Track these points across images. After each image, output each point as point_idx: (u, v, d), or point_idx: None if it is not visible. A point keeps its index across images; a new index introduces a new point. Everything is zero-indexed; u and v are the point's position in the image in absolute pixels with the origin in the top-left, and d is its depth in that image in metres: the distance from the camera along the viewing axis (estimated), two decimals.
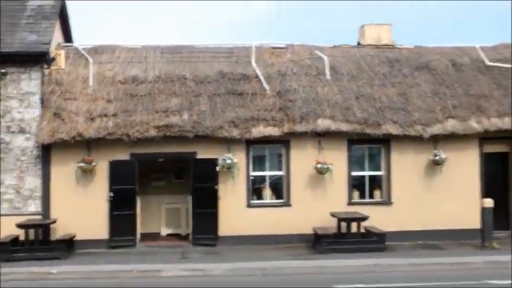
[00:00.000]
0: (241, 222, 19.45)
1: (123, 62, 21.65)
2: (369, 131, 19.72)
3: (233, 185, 19.54)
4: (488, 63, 22.71)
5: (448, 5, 58.73)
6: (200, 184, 19.32)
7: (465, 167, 20.44)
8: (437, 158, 19.93)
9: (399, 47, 23.69)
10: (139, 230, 19.88)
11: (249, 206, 19.75)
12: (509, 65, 22.60)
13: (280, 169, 20.18)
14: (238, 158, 19.38)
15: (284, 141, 19.85)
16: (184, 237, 20.63)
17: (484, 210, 18.62)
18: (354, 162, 20.42)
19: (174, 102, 19.96)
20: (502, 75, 22.31)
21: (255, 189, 20.11)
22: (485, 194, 20.02)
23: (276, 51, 22.69)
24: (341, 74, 21.72)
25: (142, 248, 19.28)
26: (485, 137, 20.52)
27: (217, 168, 19.31)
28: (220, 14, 57.53)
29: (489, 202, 18.63)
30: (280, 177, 20.20)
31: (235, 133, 19.32)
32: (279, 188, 20.18)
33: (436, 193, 20.23)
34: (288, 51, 22.62)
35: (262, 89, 20.67)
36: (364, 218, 18.61)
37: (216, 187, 19.33)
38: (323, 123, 19.62)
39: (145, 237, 20.42)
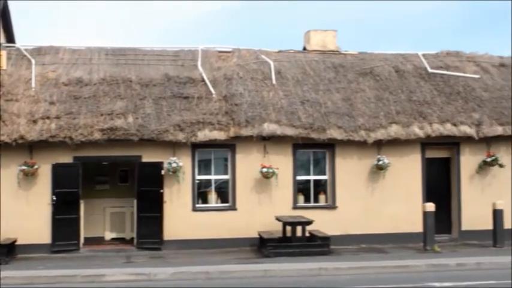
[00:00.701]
0: (187, 226, 19.36)
1: (67, 64, 21.36)
2: (313, 135, 19.84)
3: (178, 189, 19.43)
4: (430, 70, 23.13)
5: (393, 12, 59.70)
6: (145, 188, 19.14)
7: (408, 172, 20.75)
8: (380, 162, 20.17)
9: (344, 52, 23.99)
10: (82, 234, 19.58)
11: (195, 210, 19.66)
12: (451, 72, 23.08)
13: (225, 173, 20.14)
14: (183, 162, 19.28)
15: (230, 145, 19.83)
16: (129, 242, 20.42)
17: (425, 214, 18.92)
18: (299, 167, 20.52)
19: (119, 105, 19.74)
20: (444, 82, 22.77)
21: (200, 193, 20.04)
22: (427, 198, 20.38)
23: (223, 55, 22.70)
24: (287, 78, 21.84)
25: (86, 253, 19.00)
26: (427, 143, 20.87)
27: (163, 172, 19.17)
28: (166, 17, 57.26)
29: (431, 206, 18.95)
30: (225, 181, 20.16)
31: (181, 137, 19.20)
32: (225, 192, 20.16)
33: (380, 197, 20.50)
34: (235, 55, 22.65)
35: (208, 92, 20.62)
36: (309, 222, 18.71)
37: (161, 191, 19.19)
38: (268, 128, 19.66)
39: (89, 241, 20.12)
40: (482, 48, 40.12)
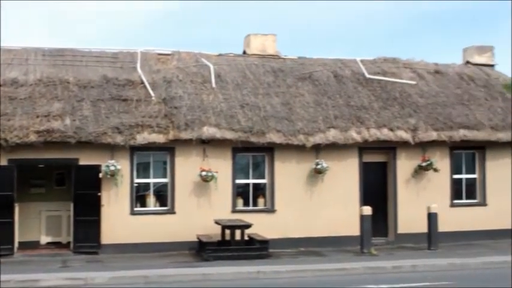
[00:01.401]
0: (125, 230, 19.14)
1: (2, 64, 20.88)
2: (253, 139, 19.88)
3: (116, 192, 19.20)
4: (368, 75, 23.46)
5: (332, 18, 60.37)
6: (82, 191, 18.84)
7: (346, 176, 20.98)
8: (319, 166, 20.34)
9: (284, 57, 24.14)
10: (17, 239, 19.12)
11: (133, 213, 19.45)
12: (388, 78, 23.48)
13: (164, 176, 20.02)
14: (122, 165, 19.05)
15: (169, 148, 19.69)
16: (66, 246, 20.04)
17: (362, 217, 19.16)
18: (239, 170, 20.54)
19: (56, 107, 19.39)
20: (381, 88, 23.14)
21: (139, 196, 19.86)
22: (365, 202, 20.63)
23: (162, 57, 22.57)
24: (226, 82, 21.86)
25: (20, 257, 18.55)
26: (364, 147, 21.13)
27: (100, 175, 18.90)
28: (105, 18, 56.60)
29: (368, 210, 19.21)
30: (164, 185, 20.02)
31: (119, 139, 18.96)
32: (164, 196, 20.01)
33: (318, 201, 20.68)
34: (174, 58, 22.56)
35: (147, 95, 20.46)
36: (248, 226, 18.73)
37: (98, 194, 18.91)
38: (208, 131, 19.61)
39: (24, 245, 19.66)
40: (419, 55, 40.87)
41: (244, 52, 24.23)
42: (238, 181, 20.41)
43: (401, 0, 57.11)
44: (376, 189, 21.58)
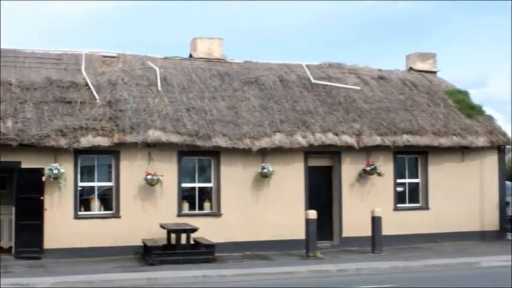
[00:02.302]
0: (69, 234, 18.88)
1: None
2: (199, 143, 19.87)
3: (60, 196, 18.95)
4: (313, 80, 23.69)
5: (278, 23, 60.75)
6: (24, 195, 18.50)
7: (291, 180, 21.15)
8: (265, 170, 20.45)
9: (230, 61, 24.19)
10: None
11: (77, 217, 19.21)
12: (333, 83, 23.76)
13: (109, 180, 19.84)
14: (65, 168, 18.81)
15: (114, 151, 19.55)
16: (7, 251, 19.63)
17: (308, 221, 19.31)
18: (184, 174, 20.52)
19: None
20: (326, 92, 23.39)
21: (83, 200, 19.63)
22: (310, 205, 20.84)
23: (107, 59, 22.37)
24: (172, 85, 21.79)
25: None
26: (310, 151, 21.33)
27: (44, 179, 18.62)
28: (49, 19, 55.78)
29: (313, 214, 19.38)
30: (109, 188, 19.85)
31: (63, 142, 18.72)
32: (108, 199, 19.84)
33: (264, 205, 20.80)
34: (120, 60, 22.38)
35: (92, 97, 20.26)
36: (194, 230, 18.70)
37: (41, 198, 18.62)
38: (153, 134, 19.51)
39: None
40: (363, 61, 41.48)
41: (191, 55, 24.16)
42: (184, 185, 20.37)
43: (349, 3, 57.89)
44: (322, 193, 21.80)
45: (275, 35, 61.13)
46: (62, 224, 18.88)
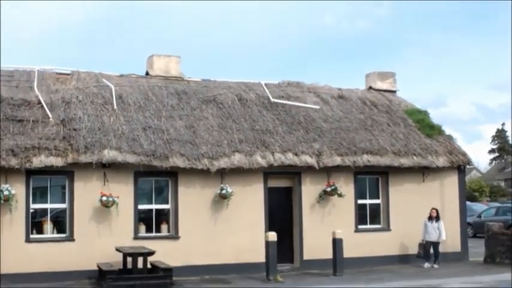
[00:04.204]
0: (20, 259, 18.52)
1: None
2: (156, 163, 19.76)
3: (11, 219, 18.61)
4: (272, 99, 23.84)
5: (236, 42, 61.00)
6: None
7: (251, 201, 21.16)
8: (223, 191, 20.42)
9: (187, 79, 24.22)
10: None
11: (29, 240, 18.88)
12: (292, 102, 23.96)
13: (63, 201, 19.58)
14: (17, 189, 18.50)
15: (67, 172, 19.31)
16: None
17: (268, 243, 19.34)
18: (141, 195, 20.37)
19: None
20: (286, 112, 23.56)
21: (35, 222, 19.31)
22: (270, 227, 20.86)
23: (61, 77, 22.20)
24: (128, 104, 21.71)
25: None
26: (269, 172, 21.38)
27: None
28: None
29: (273, 236, 19.40)
30: (63, 210, 19.58)
31: (14, 162, 18.41)
32: (62, 222, 19.56)
33: (223, 227, 20.73)
34: (74, 77, 22.21)
35: (44, 116, 20.05)
36: (151, 253, 18.54)
37: None
38: (109, 154, 19.34)
39: None
40: (323, 80, 41.98)
41: (147, 73, 24.13)
42: (140, 206, 20.24)
43: (309, 22, 58.46)
44: (282, 215, 21.85)
45: (234, 54, 61.40)
46: (13, 247, 18.50)
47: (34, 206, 19.30)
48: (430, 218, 22.20)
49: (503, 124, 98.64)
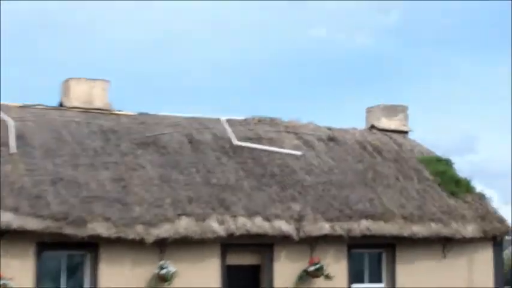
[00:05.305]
0: None
1: None
2: (69, 230, 19.26)
3: None
4: (236, 142, 23.66)
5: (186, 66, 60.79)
6: None
7: (202, 285, 20.77)
8: (164, 271, 19.97)
9: (118, 112, 24.14)
10: None
11: None
12: (264, 146, 23.91)
13: None
14: None
15: None
16: None
17: None
18: (46, 276, 19.87)
19: None
20: (254, 159, 23.38)
21: None
22: None
23: None
24: (32, 146, 21.41)
25: None
26: (229, 244, 21.07)
27: None
28: None
29: None
30: None
31: None
32: None
33: None
34: None
35: None
36: None
37: None
38: (1, 218, 18.78)
39: None
40: (306, 116, 41.69)
41: (61, 104, 23.97)
42: None
43: (289, 35, 58.41)
44: None
45: (184, 79, 61.15)
46: None
47: None
48: None
49: None
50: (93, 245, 19.87)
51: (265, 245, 21.56)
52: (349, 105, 56.81)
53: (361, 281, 22.88)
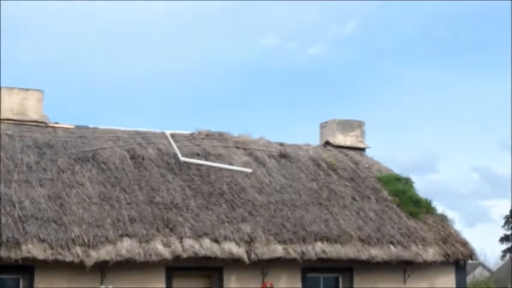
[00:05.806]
0: None
1: None
2: (1, 253, 19.00)
3: None
4: (182, 158, 23.72)
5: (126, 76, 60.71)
6: None
7: None
8: None
9: (54, 125, 24.14)
10: None
11: None
12: (212, 163, 23.97)
13: None
14: None
15: None
16: None
17: None
18: None
19: None
20: (202, 177, 23.47)
21: None
22: None
23: None
24: None
25: None
26: (175, 267, 21.07)
27: None
28: None
29: None
30: None
31: None
32: None
33: None
34: None
35: None
36: None
37: None
38: None
39: None
40: (257, 130, 41.85)
41: None
42: None
43: (239, 45, 58.74)
44: None
45: (125, 89, 61.04)
46: None
47: None
48: None
49: None
50: (27, 268, 19.72)
51: (214, 269, 21.56)
52: (302, 119, 57.18)
53: None
